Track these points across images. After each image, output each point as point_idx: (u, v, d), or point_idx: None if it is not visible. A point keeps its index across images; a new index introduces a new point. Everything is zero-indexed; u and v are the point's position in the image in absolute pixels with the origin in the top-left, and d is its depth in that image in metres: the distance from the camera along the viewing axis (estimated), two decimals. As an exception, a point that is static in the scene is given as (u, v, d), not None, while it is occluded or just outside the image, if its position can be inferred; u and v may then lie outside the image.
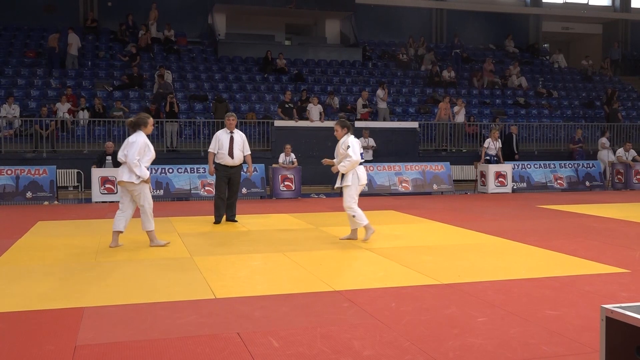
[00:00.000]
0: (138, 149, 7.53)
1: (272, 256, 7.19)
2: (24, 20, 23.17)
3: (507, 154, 17.21)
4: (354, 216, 8.05)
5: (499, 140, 16.45)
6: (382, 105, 19.77)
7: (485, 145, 16.28)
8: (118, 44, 22.52)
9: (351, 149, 7.93)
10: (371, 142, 17.18)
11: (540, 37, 29.56)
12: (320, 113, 18.41)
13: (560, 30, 30.11)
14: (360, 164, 8.07)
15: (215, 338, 4.24)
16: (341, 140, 8.11)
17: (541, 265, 6.74)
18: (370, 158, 16.64)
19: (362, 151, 8.13)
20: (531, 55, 27.74)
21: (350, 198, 8.01)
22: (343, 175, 8.04)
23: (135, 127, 7.73)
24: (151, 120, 7.87)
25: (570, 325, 4.52)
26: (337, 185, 8.24)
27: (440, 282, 5.87)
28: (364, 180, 8.14)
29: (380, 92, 19.77)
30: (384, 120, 19.63)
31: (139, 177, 7.55)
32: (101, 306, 5.06)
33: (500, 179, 16.14)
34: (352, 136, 8.13)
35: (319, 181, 17.31)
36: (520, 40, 28.37)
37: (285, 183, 14.68)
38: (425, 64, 24.35)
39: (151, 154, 7.72)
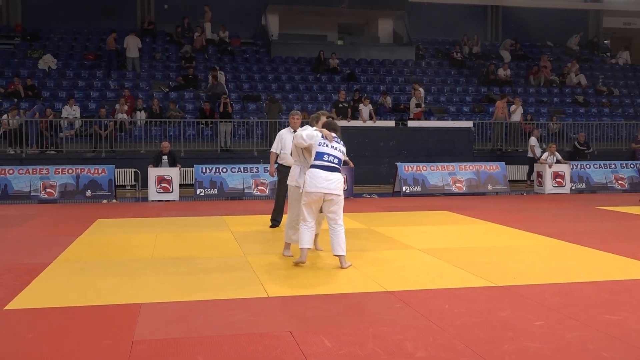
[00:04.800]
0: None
1: (324, 256, 7.19)
2: (83, 24, 23.91)
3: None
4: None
5: (557, 154, 16.00)
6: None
7: (543, 157, 15.89)
8: (174, 46, 22.97)
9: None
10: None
11: (601, 33, 28.67)
12: (371, 113, 18.35)
13: (622, 26, 29.13)
14: (322, 168, 6.45)
15: (268, 336, 4.27)
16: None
17: (600, 268, 6.54)
18: None
19: (326, 150, 6.52)
20: (591, 52, 26.94)
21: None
22: None
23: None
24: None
25: (631, 331, 4.36)
26: None
27: (495, 284, 5.76)
28: (305, 186, 6.49)
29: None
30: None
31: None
32: (157, 303, 5.16)
33: (558, 180, 15.74)
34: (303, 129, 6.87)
35: (371, 181, 17.24)
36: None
37: (338, 183, 14.64)
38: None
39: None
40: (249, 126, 18.29)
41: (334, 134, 6.62)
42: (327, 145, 6.50)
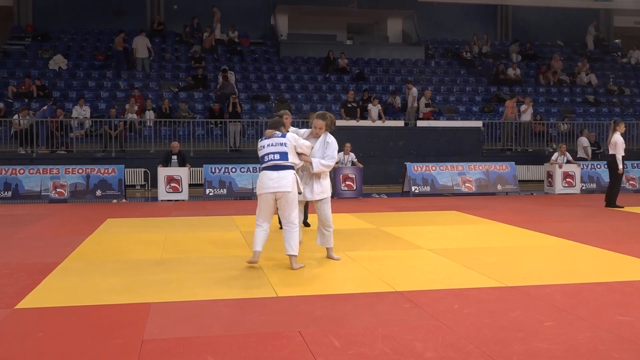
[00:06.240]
0: None
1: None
2: (94, 24, 24.03)
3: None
4: None
5: (567, 154, 15.92)
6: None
7: (553, 158, 15.82)
8: (183, 46, 23.04)
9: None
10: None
11: (612, 33, 28.51)
12: (380, 112, 18.33)
13: (633, 25, 28.96)
14: (268, 168, 6.46)
15: (277, 336, 4.27)
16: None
17: (611, 268, 6.50)
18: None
19: (265, 151, 6.53)
20: (601, 51, 26.80)
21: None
22: None
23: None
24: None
25: (642, 332, 4.34)
26: None
27: (504, 284, 5.74)
28: (257, 189, 6.59)
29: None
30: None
31: None
32: (167, 302, 5.18)
33: (568, 180, 15.67)
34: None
35: (380, 181, 17.23)
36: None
37: (347, 183, 14.67)
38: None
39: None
40: (258, 126, 18.31)
41: (276, 131, 6.68)
42: (264, 147, 6.54)
